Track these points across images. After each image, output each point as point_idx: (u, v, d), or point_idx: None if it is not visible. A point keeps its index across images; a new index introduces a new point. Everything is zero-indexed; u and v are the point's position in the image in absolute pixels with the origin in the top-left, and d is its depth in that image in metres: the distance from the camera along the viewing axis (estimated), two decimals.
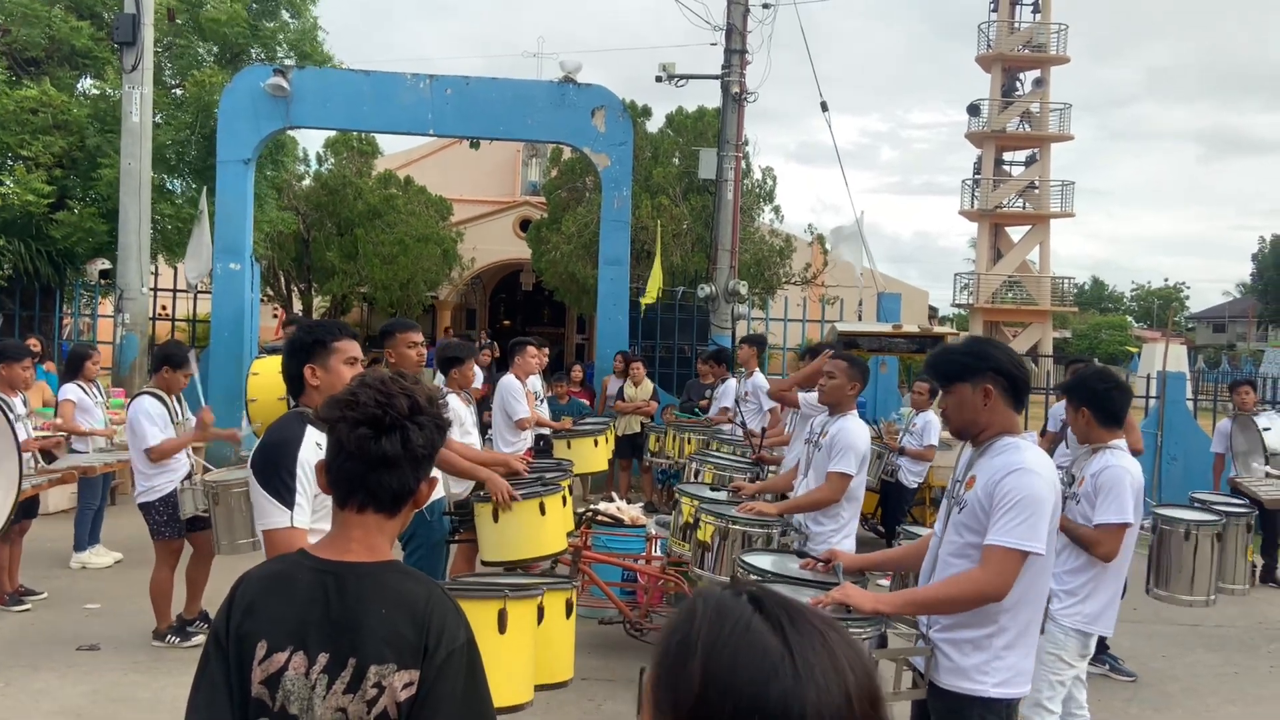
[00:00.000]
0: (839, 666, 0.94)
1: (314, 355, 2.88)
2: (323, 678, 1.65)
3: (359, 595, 1.69)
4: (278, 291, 22.83)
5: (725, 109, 12.49)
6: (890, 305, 12.56)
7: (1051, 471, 2.90)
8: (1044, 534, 2.79)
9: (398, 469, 1.74)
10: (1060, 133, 33.81)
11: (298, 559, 1.78)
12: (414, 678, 1.64)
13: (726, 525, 4.56)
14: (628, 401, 10.45)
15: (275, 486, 2.62)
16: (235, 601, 1.75)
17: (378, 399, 1.73)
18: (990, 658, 2.86)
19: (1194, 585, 5.25)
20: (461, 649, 1.69)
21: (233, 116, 11.36)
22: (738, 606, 0.99)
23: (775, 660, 0.94)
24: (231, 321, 11.32)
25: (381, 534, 1.78)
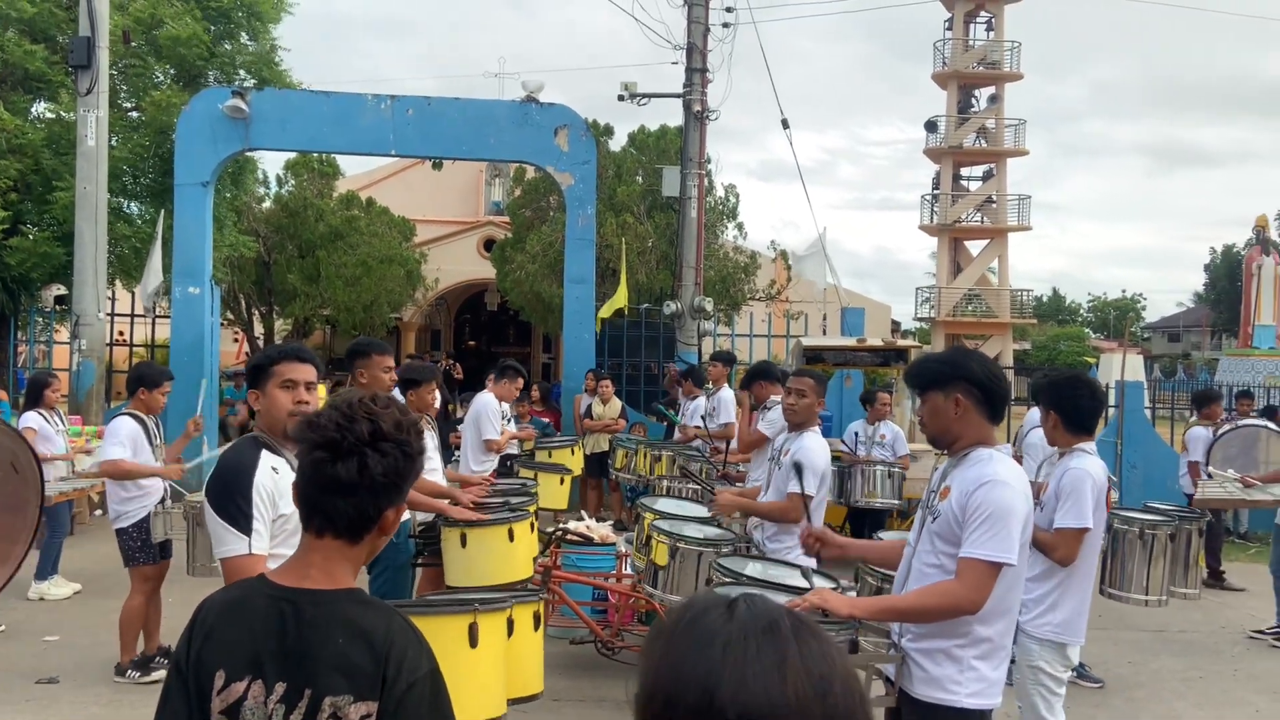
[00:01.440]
0: (788, 673, 0.94)
1: (257, 380, 2.87)
2: (279, 708, 1.62)
3: (315, 624, 1.64)
4: (238, 315, 22.54)
5: (687, 127, 12.58)
6: (854, 320, 12.68)
7: (1024, 483, 2.92)
8: (1016, 545, 2.81)
9: (354, 496, 1.67)
10: (1015, 148, 34.37)
11: (256, 585, 1.73)
12: (371, 709, 1.60)
13: (676, 544, 4.56)
14: (596, 419, 10.43)
15: (231, 513, 2.58)
16: (195, 629, 1.71)
17: (338, 422, 1.67)
18: (963, 668, 2.87)
19: (1148, 585, 5.33)
20: (424, 679, 1.63)
21: (190, 139, 11.24)
22: (714, 605, 1.00)
23: (714, 656, 0.95)
24: (191, 346, 11.17)
25: (343, 560, 1.72)
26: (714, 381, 9.18)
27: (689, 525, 4.86)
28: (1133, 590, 5.33)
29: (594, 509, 9.81)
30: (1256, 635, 7.12)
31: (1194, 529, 5.76)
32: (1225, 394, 11.48)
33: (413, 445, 1.73)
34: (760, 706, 0.92)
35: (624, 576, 6.08)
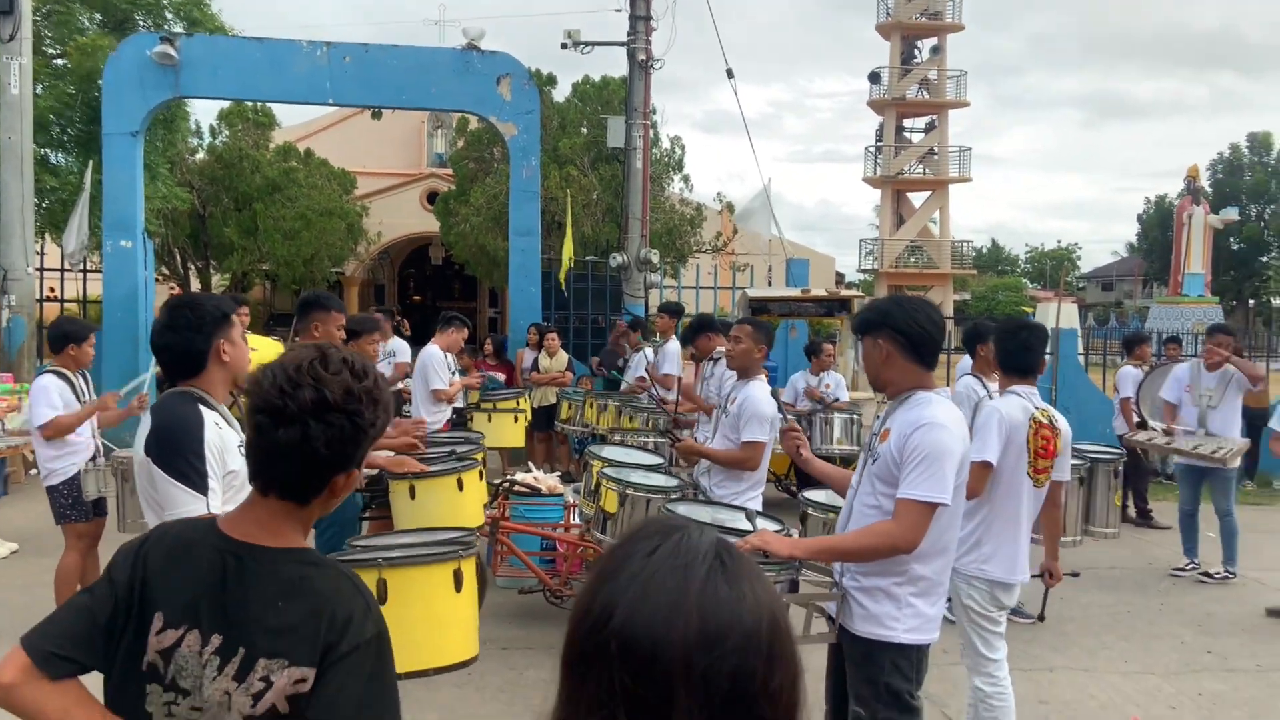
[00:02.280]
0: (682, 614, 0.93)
1: (222, 329, 2.70)
2: (214, 659, 1.58)
3: (257, 582, 1.60)
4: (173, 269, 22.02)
5: (632, 76, 12.46)
6: (799, 271, 12.78)
7: (960, 425, 3.00)
8: (950, 486, 2.90)
9: (294, 463, 1.59)
10: (957, 99, 34.66)
11: (206, 532, 1.68)
12: (306, 675, 1.55)
13: (625, 491, 4.62)
14: (543, 373, 10.42)
15: (184, 471, 2.47)
16: (141, 561, 1.66)
17: (281, 387, 1.57)
18: (901, 605, 2.97)
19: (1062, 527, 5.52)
20: (368, 644, 1.57)
21: (118, 87, 10.85)
22: (649, 536, 1.01)
23: (621, 583, 0.96)
24: (124, 301, 10.89)
25: (289, 519, 1.66)
26: (661, 333, 9.21)
27: (637, 472, 4.91)
28: None
29: (541, 461, 9.84)
30: (1176, 573, 7.42)
31: (1110, 470, 5.96)
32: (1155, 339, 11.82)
33: (364, 414, 1.62)
34: (643, 646, 0.92)
35: (572, 526, 6.14)
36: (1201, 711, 4.95)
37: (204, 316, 2.66)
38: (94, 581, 1.70)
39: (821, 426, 8.16)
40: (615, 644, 0.93)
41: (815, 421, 8.19)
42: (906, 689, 3.00)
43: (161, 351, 2.66)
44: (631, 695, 0.92)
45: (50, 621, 1.65)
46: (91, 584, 1.69)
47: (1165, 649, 5.85)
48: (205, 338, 2.65)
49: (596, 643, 0.94)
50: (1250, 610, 6.62)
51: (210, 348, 2.66)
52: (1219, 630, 6.21)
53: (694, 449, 4.97)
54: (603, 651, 0.93)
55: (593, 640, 0.95)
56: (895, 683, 2.99)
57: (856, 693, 3.06)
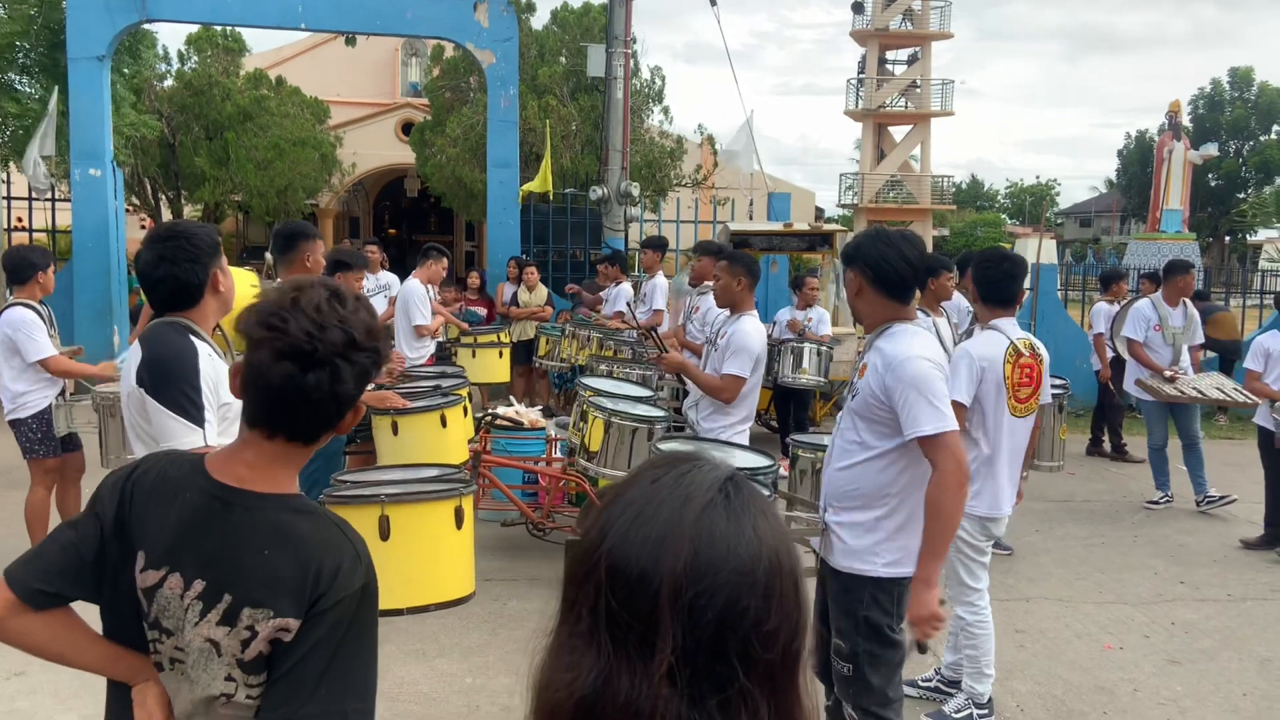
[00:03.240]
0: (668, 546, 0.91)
1: (217, 258, 2.62)
2: (196, 604, 1.53)
3: (244, 529, 1.54)
4: (144, 200, 21.59)
5: (612, 3, 12.15)
6: (780, 205, 12.67)
7: (933, 350, 3.01)
8: (948, 410, 2.89)
9: (320, 407, 1.54)
10: (940, 31, 34.18)
11: (193, 472, 1.61)
12: (290, 626, 1.50)
13: (611, 419, 4.61)
14: (522, 307, 10.34)
15: (181, 403, 2.40)
16: (125, 497, 1.60)
17: (308, 330, 1.50)
18: (882, 538, 2.98)
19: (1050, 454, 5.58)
20: (352, 597, 1.52)
21: (83, 9, 10.48)
22: (647, 471, 0.99)
23: (615, 512, 0.95)
24: (95, 232, 10.66)
25: (285, 462, 1.59)
26: (646, 267, 9.12)
27: (624, 402, 4.90)
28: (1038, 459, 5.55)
29: (521, 395, 9.81)
30: (1149, 506, 7.54)
31: (1054, 406, 5.93)
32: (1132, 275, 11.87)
33: (383, 350, 1.60)
34: (630, 571, 0.91)
35: (554, 460, 6.14)
36: (1174, 640, 5.06)
37: (200, 246, 2.57)
38: (78, 515, 1.64)
39: (792, 356, 8.02)
40: (604, 567, 0.91)
41: (785, 351, 8.02)
42: (887, 622, 3.01)
43: (159, 284, 2.54)
44: (617, 618, 0.90)
45: (35, 557, 1.60)
46: (76, 518, 1.64)
47: (1139, 580, 5.96)
48: (203, 268, 2.58)
49: (587, 566, 0.93)
50: (1222, 542, 6.75)
51: (207, 278, 2.59)
52: (1191, 561, 6.33)
53: (679, 362, 4.97)
54: (592, 574, 0.92)
55: (584, 563, 0.94)
56: (875, 616, 3.00)
57: (838, 626, 3.07)
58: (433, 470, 3.90)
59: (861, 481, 3.02)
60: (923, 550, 2.93)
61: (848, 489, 3.05)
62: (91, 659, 1.63)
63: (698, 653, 0.89)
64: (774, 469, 3.81)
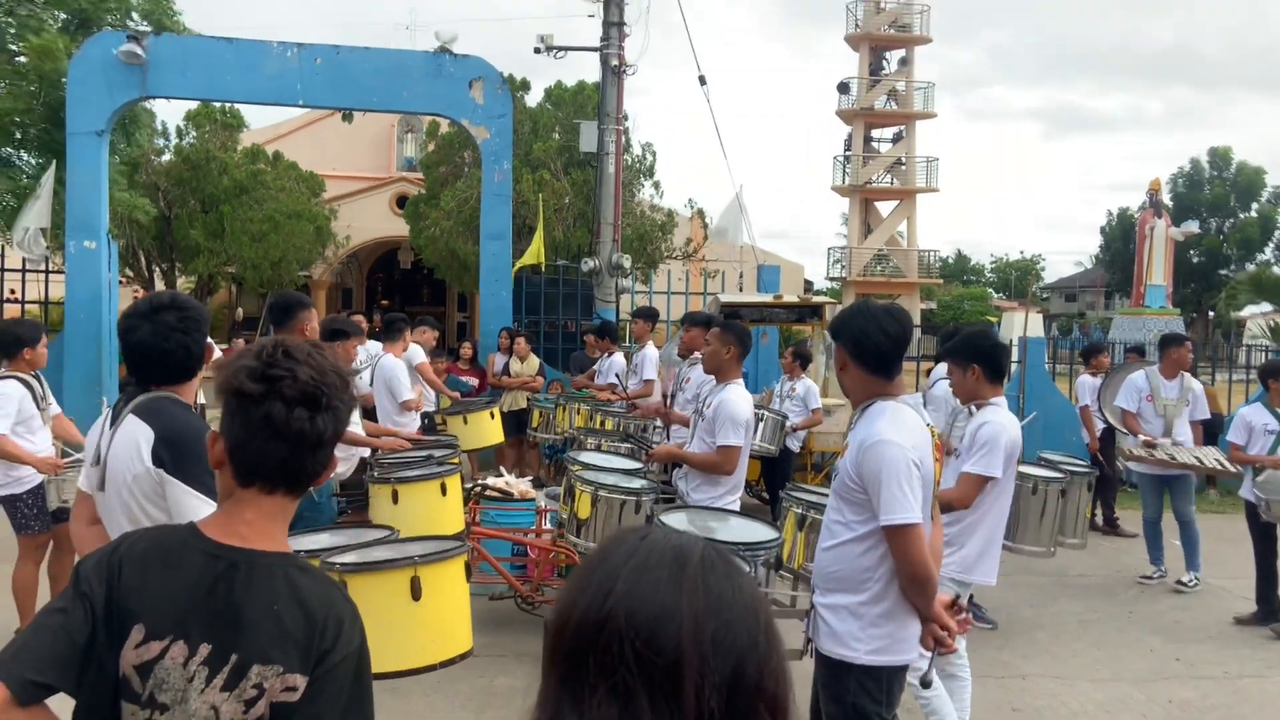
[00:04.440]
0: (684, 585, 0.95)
1: (206, 332, 2.68)
2: (202, 670, 1.52)
3: (251, 588, 1.55)
4: (138, 272, 21.69)
5: (605, 82, 12.43)
6: (770, 278, 12.79)
7: (910, 434, 2.87)
8: (913, 501, 2.77)
9: (323, 450, 1.61)
10: (925, 110, 35.00)
11: (188, 537, 1.61)
12: (298, 683, 1.52)
13: (599, 493, 4.59)
14: (513, 377, 10.35)
15: (204, 480, 2.38)
16: (114, 572, 1.58)
17: (313, 375, 1.57)
18: (865, 624, 2.88)
19: (1038, 537, 5.59)
20: (353, 655, 1.57)
21: (84, 85, 10.65)
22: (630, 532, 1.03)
23: (615, 566, 0.97)
24: (88, 303, 10.67)
25: (283, 517, 1.64)
26: (637, 338, 9.18)
27: (612, 475, 4.88)
28: (1024, 542, 5.57)
29: (511, 466, 9.76)
30: (1143, 581, 7.49)
31: (1084, 483, 6.03)
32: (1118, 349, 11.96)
33: (353, 394, 1.71)
34: (648, 611, 0.93)
35: (543, 532, 6.08)
36: (1171, 719, 4.98)
37: (203, 318, 2.61)
38: (60, 597, 1.60)
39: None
40: (622, 614, 0.93)
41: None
42: (875, 710, 2.90)
43: (168, 355, 2.51)
44: (639, 664, 0.91)
45: (24, 646, 1.54)
46: (59, 601, 1.59)
47: (1135, 656, 5.89)
48: (200, 340, 2.59)
49: (596, 621, 0.94)
50: (1217, 618, 6.69)
51: (203, 351, 2.62)
52: (1187, 638, 6.27)
53: (670, 453, 4.96)
54: (605, 625, 0.93)
55: (591, 619, 0.94)
56: (863, 703, 2.89)
57: (827, 711, 2.99)
58: (377, 532, 3.93)
59: (843, 563, 2.93)
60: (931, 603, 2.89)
61: (831, 570, 2.97)
62: None
63: (719, 691, 0.92)
64: (777, 542, 3.79)
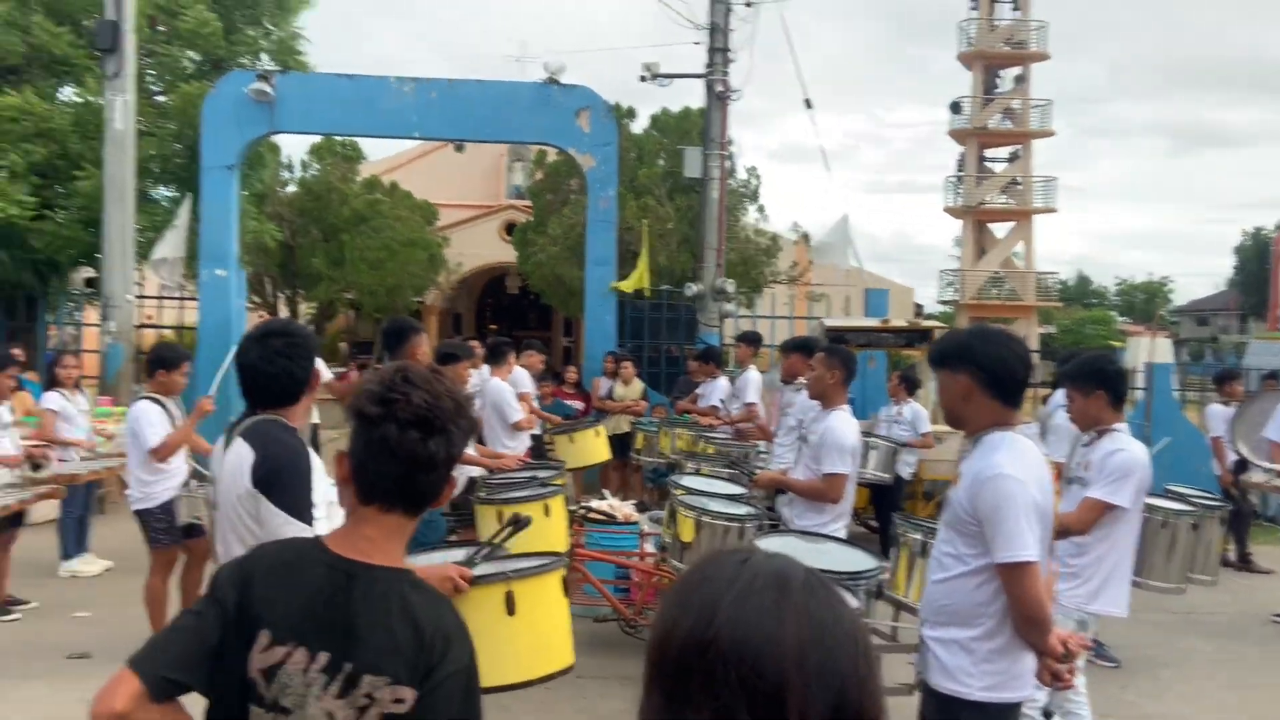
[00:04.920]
0: (787, 613, 0.94)
1: (314, 360, 2.74)
2: (320, 677, 1.60)
3: (367, 600, 1.63)
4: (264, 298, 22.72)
5: (710, 108, 12.51)
6: (877, 301, 12.59)
7: (1029, 469, 2.76)
8: (1032, 538, 2.69)
9: (437, 471, 1.69)
10: (1042, 129, 34.01)
11: (312, 550, 1.71)
12: (406, 695, 1.57)
13: (701, 518, 4.58)
14: (618, 401, 10.45)
15: (297, 506, 2.47)
16: (243, 574, 1.68)
17: (427, 399, 1.66)
18: (979, 660, 2.79)
19: (1167, 573, 5.31)
20: (462, 672, 1.62)
21: (216, 122, 11.30)
22: (731, 553, 1.02)
23: (719, 589, 0.97)
24: (218, 328, 11.25)
25: (400, 536, 1.72)
26: (740, 362, 9.17)
27: (716, 501, 4.87)
28: (1152, 578, 5.30)
29: (615, 489, 9.82)
30: (1277, 619, 7.05)
31: (1216, 518, 5.71)
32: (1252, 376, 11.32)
33: (474, 420, 1.79)
34: (753, 638, 0.93)
35: (647, 555, 6.10)
36: None
37: (311, 345, 2.70)
38: (197, 601, 1.71)
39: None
40: (725, 640, 0.93)
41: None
42: None
43: (273, 379, 2.62)
44: (745, 688, 0.92)
45: (160, 645, 1.65)
46: (196, 605, 1.70)
47: (1267, 699, 5.55)
48: (311, 366, 2.68)
49: (699, 643, 0.94)
50: None
51: (309, 377, 2.68)
52: None
53: (774, 479, 4.93)
54: (709, 648, 0.93)
55: (694, 641, 0.95)
56: None
57: None
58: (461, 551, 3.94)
59: (956, 597, 2.84)
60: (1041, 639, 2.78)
61: (943, 604, 2.88)
62: None
63: (821, 718, 0.92)
64: (878, 571, 3.73)
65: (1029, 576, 2.67)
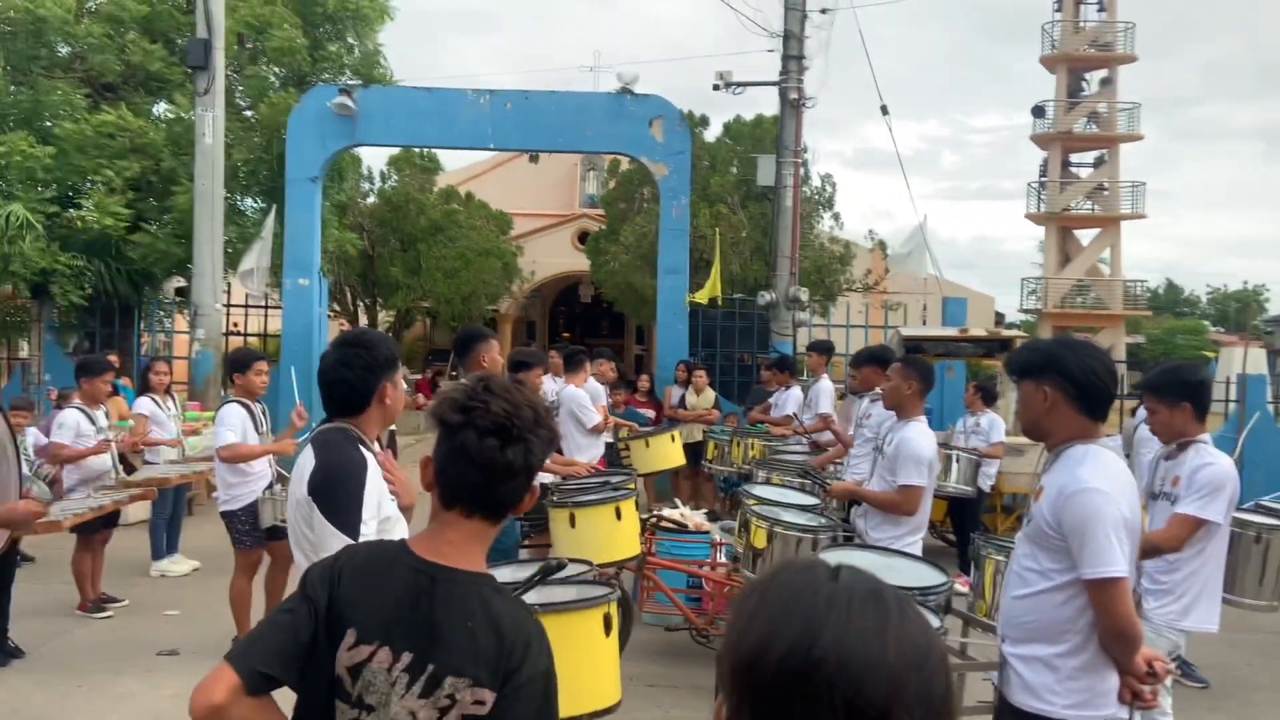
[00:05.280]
0: (889, 637, 0.94)
1: (390, 372, 2.74)
2: (403, 677, 1.65)
3: (450, 603, 1.67)
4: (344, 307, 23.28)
5: (784, 115, 12.45)
6: (955, 310, 12.39)
7: (1116, 482, 2.70)
8: (1119, 551, 2.62)
9: (515, 480, 1.72)
10: (1129, 133, 33.00)
11: (398, 552, 1.76)
12: (486, 698, 1.61)
13: (774, 529, 4.55)
14: (690, 410, 10.43)
15: (343, 518, 2.49)
16: (334, 580, 1.73)
17: (506, 408, 1.71)
18: (1063, 677, 2.73)
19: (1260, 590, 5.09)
20: (542, 676, 1.66)
21: (300, 135, 11.65)
22: (815, 564, 1.00)
23: (817, 607, 0.95)
24: (301, 336, 11.58)
25: (481, 541, 1.76)
26: (812, 371, 9.08)
27: (788, 511, 4.84)
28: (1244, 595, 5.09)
29: (686, 499, 9.81)
30: None
31: None
32: None
33: (555, 431, 1.81)
34: (859, 662, 0.91)
35: (719, 564, 6.08)
36: None
37: (376, 358, 2.69)
38: (289, 599, 1.77)
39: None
40: (832, 664, 0.92)
41: None
42: None
43: (334, 386, 2.68)
44: (851, 713, 0.91)
45: (255, 641, 1.72)
46: (288, 602, 1.76)
47: None
48: (375, 379, 2.69)
49: (803, 665, 0.93)
50: None
51: (376, 389, 2.69)
52: None
53: (848, 490, 4.87)
54: (813, 672, 0.92)
55: (797, 662, 0.93)
56: None
57: None
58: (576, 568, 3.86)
59: (1040, 613, 2.77)
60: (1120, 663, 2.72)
61: (1024, 620, 2.82)
62: None
63: None
64: (947, 586, 3.65)
65: (1119, 592, 2.61)
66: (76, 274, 12.42)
